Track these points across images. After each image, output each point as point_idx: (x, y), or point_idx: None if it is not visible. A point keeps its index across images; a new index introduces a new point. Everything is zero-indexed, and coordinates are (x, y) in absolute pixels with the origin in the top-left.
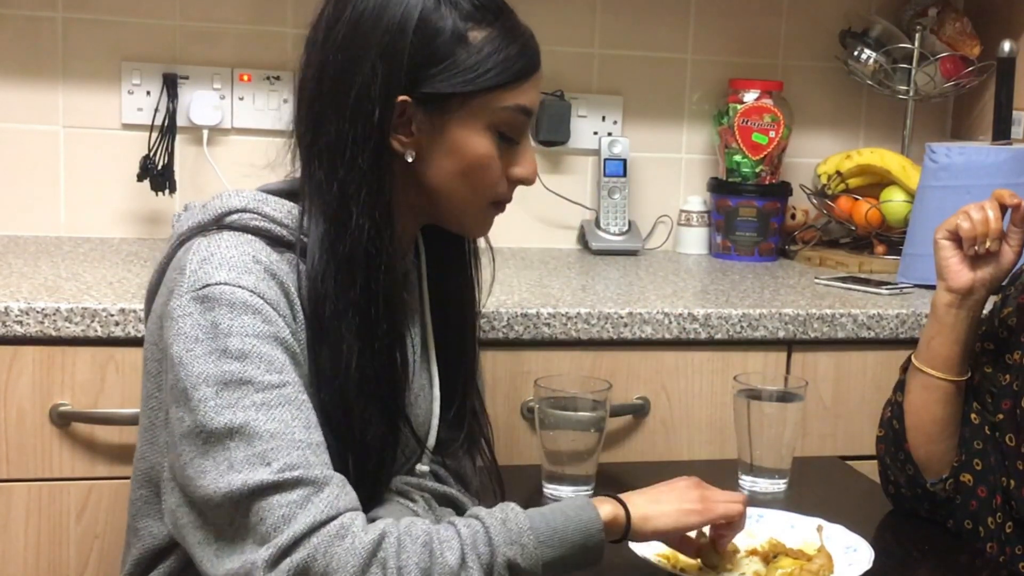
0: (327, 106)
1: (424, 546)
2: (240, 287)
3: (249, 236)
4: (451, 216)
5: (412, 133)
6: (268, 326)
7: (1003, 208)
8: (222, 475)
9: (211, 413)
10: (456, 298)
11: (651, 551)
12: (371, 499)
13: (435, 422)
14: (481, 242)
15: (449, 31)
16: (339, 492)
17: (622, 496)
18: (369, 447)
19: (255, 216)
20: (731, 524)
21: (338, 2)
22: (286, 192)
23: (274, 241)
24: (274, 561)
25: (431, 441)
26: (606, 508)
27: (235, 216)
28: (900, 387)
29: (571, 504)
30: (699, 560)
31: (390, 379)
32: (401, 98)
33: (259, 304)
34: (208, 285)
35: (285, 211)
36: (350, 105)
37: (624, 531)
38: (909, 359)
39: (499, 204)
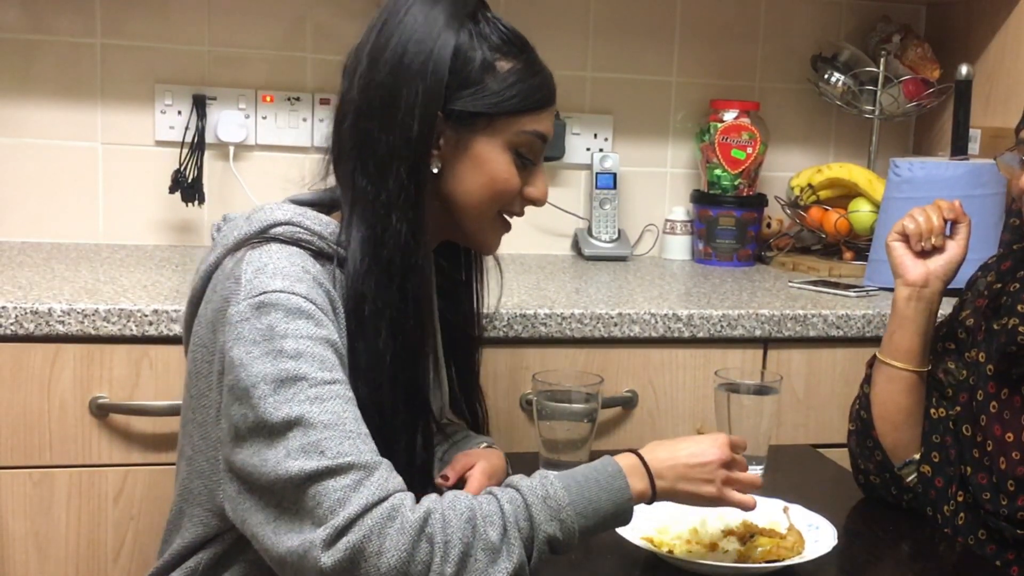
0: (374, 122)
1: (468, 521)
2: (295, 294)
3: (295, 248)
4: (469, 228)
5: (439, 147)
6: (320, 329)
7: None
8: (281, 462)
9: (271, 409)
10: (454, 303)
11: (636, 534)
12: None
13: (446, 413)
14: (490, 261)
15: (480, 60)
16: (388, 475)
17: (652, 467)
18: (399, 441)
19: (298, 229)
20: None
21: (380, 35)
22: (317, 204)
23: (316, 254)
24: (331, 540)
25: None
26: (637, 485)
27: (280, 229)
28: (867, 381)
29: (604, 472)
30: (684, 540)
31: (417, 376)
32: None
33: (312, 309)
34: (265, 292)
35: (324, 224)
36: (397, 122)
37: (650, 501)
38: (874, 356)
39: (508, 219)
